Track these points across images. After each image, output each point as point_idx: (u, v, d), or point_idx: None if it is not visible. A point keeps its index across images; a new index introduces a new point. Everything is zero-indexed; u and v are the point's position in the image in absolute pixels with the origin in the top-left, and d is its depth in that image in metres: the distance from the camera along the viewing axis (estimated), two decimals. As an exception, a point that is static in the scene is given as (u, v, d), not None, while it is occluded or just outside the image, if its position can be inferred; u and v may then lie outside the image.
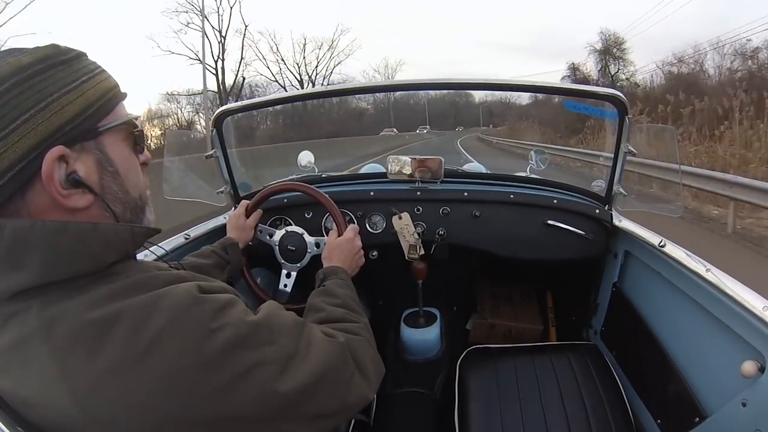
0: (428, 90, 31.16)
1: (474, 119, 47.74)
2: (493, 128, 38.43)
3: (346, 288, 0.77)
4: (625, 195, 1.19)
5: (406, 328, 1.35)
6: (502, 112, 41.68)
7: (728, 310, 0.77)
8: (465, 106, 48.03)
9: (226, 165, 1.29)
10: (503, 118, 38.78)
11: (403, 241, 1.22)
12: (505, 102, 39.67)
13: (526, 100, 29.46)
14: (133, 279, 0.43)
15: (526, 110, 26.79)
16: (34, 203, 0.41)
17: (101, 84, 0.46)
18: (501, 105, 42.43)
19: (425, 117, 40.88)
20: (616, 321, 1.23)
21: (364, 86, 1.72)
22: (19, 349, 0.40)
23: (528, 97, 27.25)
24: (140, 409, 0.38)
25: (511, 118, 32.52)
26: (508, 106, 39.19)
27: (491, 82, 1.19)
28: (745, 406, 0.71)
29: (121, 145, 0.48)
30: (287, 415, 0.46)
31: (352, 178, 1.49)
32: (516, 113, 31.22)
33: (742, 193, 4.19)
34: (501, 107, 42.77)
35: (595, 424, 0.91)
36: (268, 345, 0.45)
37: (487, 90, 1.49)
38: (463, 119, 47.81)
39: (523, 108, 29.54)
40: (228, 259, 0.98)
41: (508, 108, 38.54)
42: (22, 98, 0.40)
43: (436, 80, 1.25)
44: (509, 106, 38.23)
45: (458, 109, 47.93)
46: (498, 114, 43.45)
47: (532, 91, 1.35)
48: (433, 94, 39.56)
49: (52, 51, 0.43)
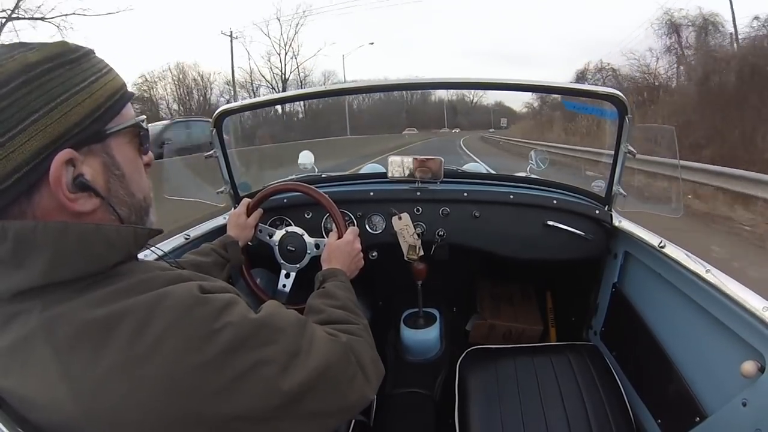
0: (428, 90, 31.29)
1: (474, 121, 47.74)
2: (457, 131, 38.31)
3: (345, 290, 0.77)
4: (625, 195, 1.20)
5: (406, 329, 1.35)
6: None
7: (728, 311, 0.77)
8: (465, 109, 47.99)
9: (226, 165, 1.29)
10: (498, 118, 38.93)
11: (403, 242, 1.22)
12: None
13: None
14: (135, 280, 0.43)
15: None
16: (39, 206, 0.41)
17: (109, 84, 0.46)
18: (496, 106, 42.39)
19: (410, 118, 40.32)
20: (616, 321, 1.23)
21: (364, 86, 1.72)
22: (21, 349, 0.40)
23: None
24: (142, 409, 0.38)
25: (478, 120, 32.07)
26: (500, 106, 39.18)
27: (491, 82, 1.19)
28: (745, 405, 0.71)
29: (127, 148, 0.48)
30: (289, 413, 0.45)
31: (352, 178, 1.49)
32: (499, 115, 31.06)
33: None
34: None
35: (596, 425, 0.91)
36: (271, 343, 0.45)
37: (488, 90, 1.49)
38: (460, 121, 47.76)
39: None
40: (228, 257, 0.98)
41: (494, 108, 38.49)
42: (30, 98, 0.39)
43: (436, 80, 1.25)
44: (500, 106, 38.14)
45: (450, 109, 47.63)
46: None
47: (533, 90, 1.36)
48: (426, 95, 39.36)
49: (61, 49, 0.42)
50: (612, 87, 2.62)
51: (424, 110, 43.67)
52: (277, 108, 24.08)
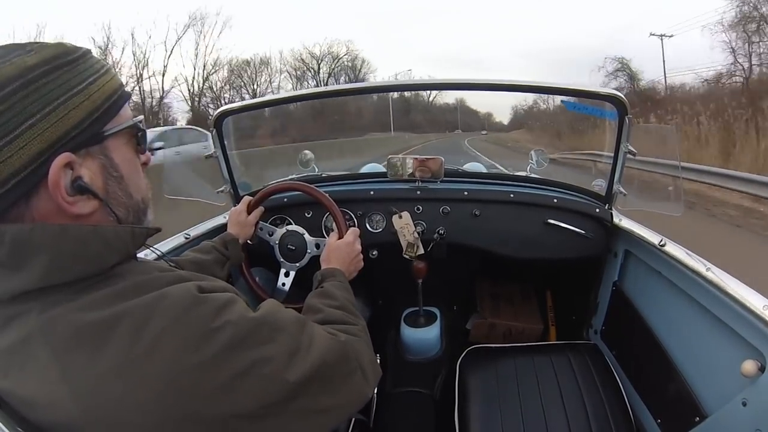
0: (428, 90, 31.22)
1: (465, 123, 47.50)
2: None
3: (344, 290, 0.77)
4: (625, 194, 1.19)
5: (406, 328, 1.34)
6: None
7: (728, 310, 0.77)
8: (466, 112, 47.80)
9: (226, 164, 1.29)
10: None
11: (403, 240, 1.22)
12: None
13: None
14: (133, 281, 0.43)
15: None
16: (38, 209, 0.41)
17: (107, 85, 0.45)
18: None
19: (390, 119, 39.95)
20: (616, 320, 1.23)
21: (364, 86, 1.72)
22: (20, 351, 0.40)
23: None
24: (142, 409, 0.38)
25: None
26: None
27: (492, 83, 1.19)
28: (746, 405, 0.71)
29: (125, 149, 0.47)
30: (288, 411, 0.45)
31: (353, 177, 1.49)
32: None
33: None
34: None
35: (595, 424, 0.91)
36: (270, 342, 0.45)
37: (488, 90, 1.49)
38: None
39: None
40: (228, 255, 0.99)
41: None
42: (28, 102, 0.38)
43: (435, 80, 1.25)
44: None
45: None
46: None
47: (533, 91, 1.35)
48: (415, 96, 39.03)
49: (59, 50, 0.42)
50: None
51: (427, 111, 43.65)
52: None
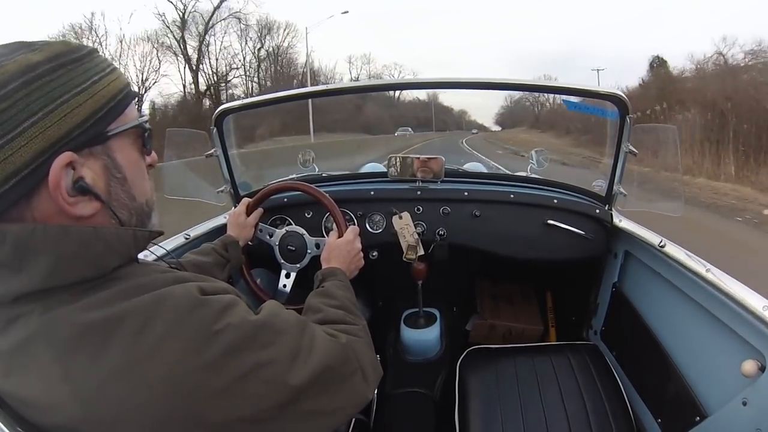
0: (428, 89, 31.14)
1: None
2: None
3: (344, 290, 0.76)
4: (625, 195, 1.19)
5: (406, 329, 1.34)
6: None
7: (728, 310, 0.77)
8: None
9: (227, 164, 1.29)
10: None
11: (403, 241, 1.22)
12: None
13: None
14: (134, 282, 0.43)
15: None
16: (38, 209, 0.40)
17: (112, 84, 0.45)
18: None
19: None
20: (616, 321, 1.23)
21: (364, 86, 1.72)
22: (22, 352, 0.40)
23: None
24: (143, 411, 0.38)
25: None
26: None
27: (492, 82, 1.19)
28: (746, 405, 0.71)
29: (129, 149, 0.47)
30: (289, 413, 0.45)
31: (353, 177, 1.49)
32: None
33: None
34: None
35: (596, 424, 0.91)
36: (271, 345, 0.45)
37: (488, 89, 1.49)
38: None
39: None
40: (228, 257, 0.98)
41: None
42: (30, 100, 0.38)
43: (435, 80, 1.25)
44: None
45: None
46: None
47: (533, 90, 1.36)
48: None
49: (64, 48, 0.42)
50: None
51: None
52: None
